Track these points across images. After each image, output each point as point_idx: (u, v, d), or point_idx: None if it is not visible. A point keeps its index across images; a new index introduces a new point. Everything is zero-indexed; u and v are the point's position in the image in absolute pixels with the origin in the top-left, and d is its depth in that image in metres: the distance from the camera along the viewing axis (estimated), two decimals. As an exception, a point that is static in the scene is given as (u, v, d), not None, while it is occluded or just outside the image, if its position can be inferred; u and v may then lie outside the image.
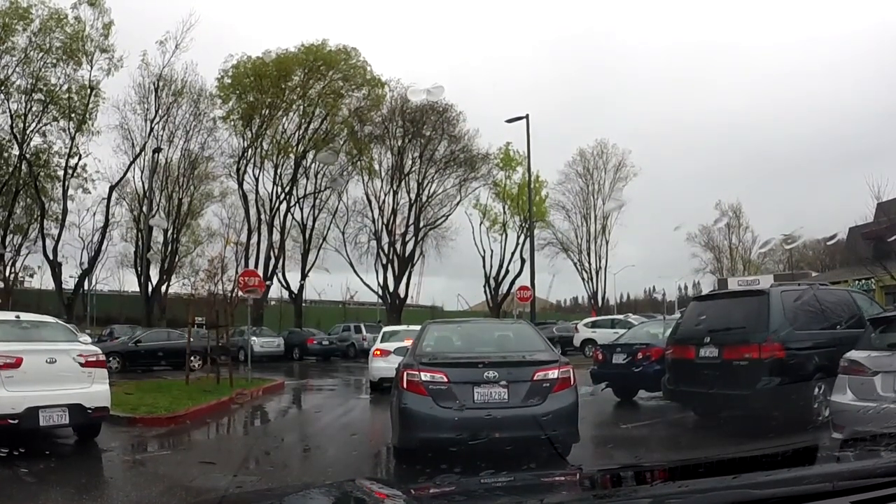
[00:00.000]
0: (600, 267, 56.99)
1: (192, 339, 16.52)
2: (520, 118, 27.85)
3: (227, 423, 10.82)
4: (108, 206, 36.29)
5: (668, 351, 9.91)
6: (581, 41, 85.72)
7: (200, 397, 12.70)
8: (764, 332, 8.71)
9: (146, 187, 37.42)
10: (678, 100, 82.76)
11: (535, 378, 6.59)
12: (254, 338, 29.44)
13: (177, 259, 40.05)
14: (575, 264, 56.76)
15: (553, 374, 6.68)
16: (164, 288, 39.51)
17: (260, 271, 39.06)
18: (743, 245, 71.53)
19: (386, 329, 18.12)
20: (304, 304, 54.47)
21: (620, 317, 29.47)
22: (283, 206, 40.38)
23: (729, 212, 68.88)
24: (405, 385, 6.62)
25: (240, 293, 15.89)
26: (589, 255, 57.46)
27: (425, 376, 6.53)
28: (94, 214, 37.63)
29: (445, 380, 6.52)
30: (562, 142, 69.59)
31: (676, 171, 79.47)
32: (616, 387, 12.39)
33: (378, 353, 14.81)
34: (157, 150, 34.94)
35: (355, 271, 43.27)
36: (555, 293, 64.80)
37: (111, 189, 36.04)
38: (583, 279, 57.11)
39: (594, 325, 27.88)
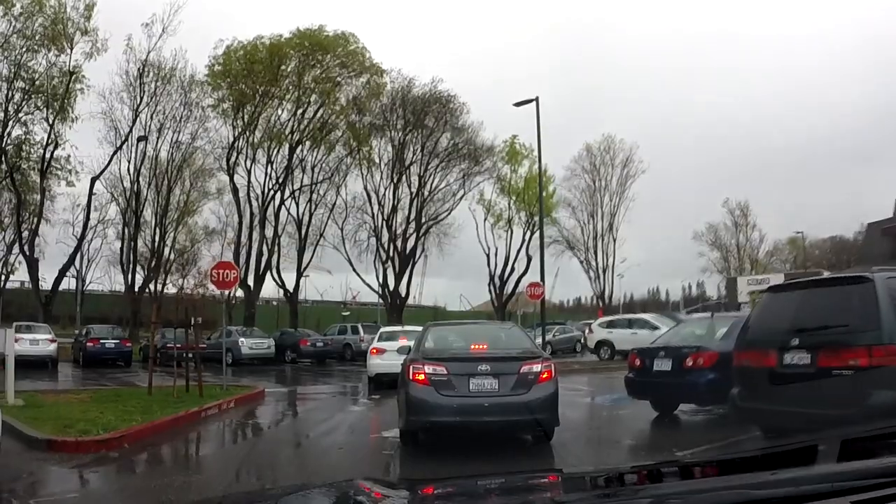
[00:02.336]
0: (607, 265, 55.29)
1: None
2: (529, 101, 25.65)
3: (170, 450, 8.58)
4: (89, 199, 34.28)
5: (737, 357, 7.74)
6: (586, 36, 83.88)
7: (156, 411, 10.59)
8: (874, 331, 6.55)
9: (134, 180, 35.40)
10: (684, 97, 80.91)
11: (521, 371, 7.50)
12: (242, 339, 27.51)
13: (171, 257, 37.90)
14: (581, 263, 55.14)
15: (537, 368, 7.57)
16: (152, 286, 37.32)
17: (252, 268, 37.02)
18: (750, 244, 69.92)
19: (383, 329, 19.10)
20: (305, 305, 52.57)
21: (638, 316, 27.23)
22: (278, 200, 38.21)
23: (736, 209, 67.35)
24: (411, 377, 7.52)
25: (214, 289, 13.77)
26: (596, 253, 55.78)
27: (428, 369, 7.45)
28: (85, 211, 35.81)
29: (445, 372, 7.42)
30: (567, 139, 67.54)
31: (680, 170, 77.64)
32: (657, 399, 10.19)
33: (375, 351, 16.19)
34: (142, 139, 32.78)
35: (354, 270, 41.41)
36: (557, 293, 62.63)
37: (93, 180, 33.92)
38: (590, 278, 55.47)
39: (610, 325, 25.62)
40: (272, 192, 37.14)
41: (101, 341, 24.80)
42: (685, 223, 79.39)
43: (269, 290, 45.07)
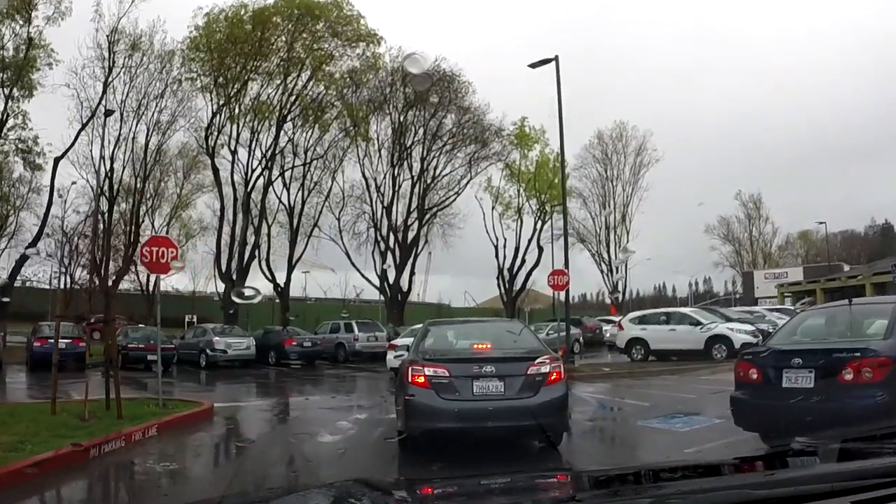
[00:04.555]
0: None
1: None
2: (547, 61, 22.00)
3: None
4: (52, 181, 30.76)
5: None
6: (594, 25, 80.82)
7: (28, 446, 7.14)
8: None
9: (107, 162, 31.95)
10: (695, 89, 77.97)
11: (528, 372, 7.10)
12: (217, 338, 24.14)
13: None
14: (593, 255, 52.08)
15: (545, 368, 7.15)
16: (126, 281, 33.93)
17: (235, 259, 33.63)
18: (763, 238, 67.23)
19: (413, 327, 19.31)
20: (308, 302, 49.29)
21: (676, 310, 23.75)
22: (268, 185, 34.64)
23: (749, 202, 64.49)
24: (409, 379, 7.17)
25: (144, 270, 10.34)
26: (608, 245, 52.71)
27: (428, 371, 7.07)
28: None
29: (447, 374, 7.05)
30: (575, 130, 63.84)
31: (689, 163, 74.59)
32: (783, 429, 6.66)
33: (389, 346, 19.06)
34: (110, 113, 29.29)
35: (353, 263, 38.19)
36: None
37: (56, 160, 30.41)
38: (601, 272, 52.34)
39: (642, 320, 22.03)
40: (258, 173, 33.59)
41: (51, 340, 21.26)
42: (693, 218, 76.31)
43: (269, 287, 42.20)
